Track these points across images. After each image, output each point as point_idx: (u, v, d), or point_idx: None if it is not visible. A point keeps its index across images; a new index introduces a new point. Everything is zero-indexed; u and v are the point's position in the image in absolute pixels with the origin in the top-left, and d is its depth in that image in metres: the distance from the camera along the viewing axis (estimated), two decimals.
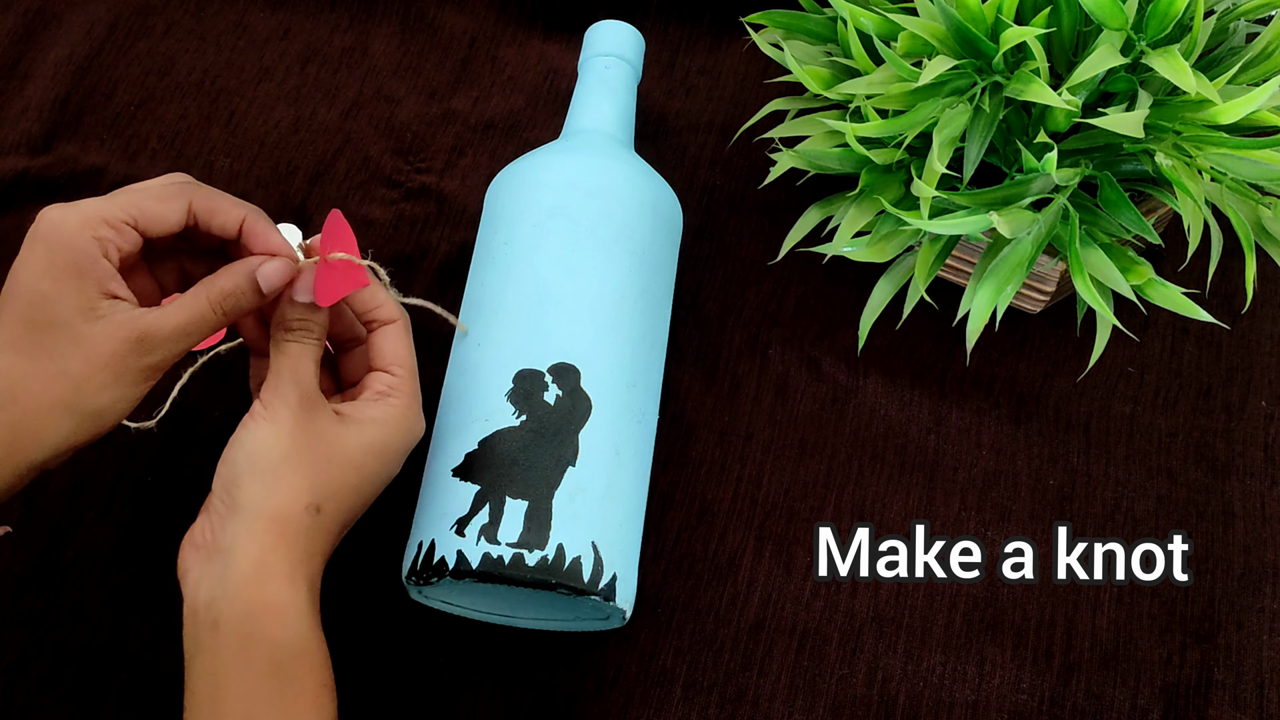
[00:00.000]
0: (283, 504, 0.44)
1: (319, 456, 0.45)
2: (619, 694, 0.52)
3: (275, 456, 0.44)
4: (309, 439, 0.45)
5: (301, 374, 0.46)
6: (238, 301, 0.46)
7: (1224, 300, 0.63)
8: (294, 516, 0.44)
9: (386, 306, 0.50)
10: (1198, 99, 0.49)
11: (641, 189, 0.56)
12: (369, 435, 0.46)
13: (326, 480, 0.45)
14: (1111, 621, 0.54)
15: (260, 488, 0.44)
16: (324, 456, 0.45)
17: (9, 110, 0.66)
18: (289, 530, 0.43)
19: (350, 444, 0.46)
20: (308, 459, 0.45)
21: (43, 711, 0.51)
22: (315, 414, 0.46)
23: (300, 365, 0.46)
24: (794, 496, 0.57)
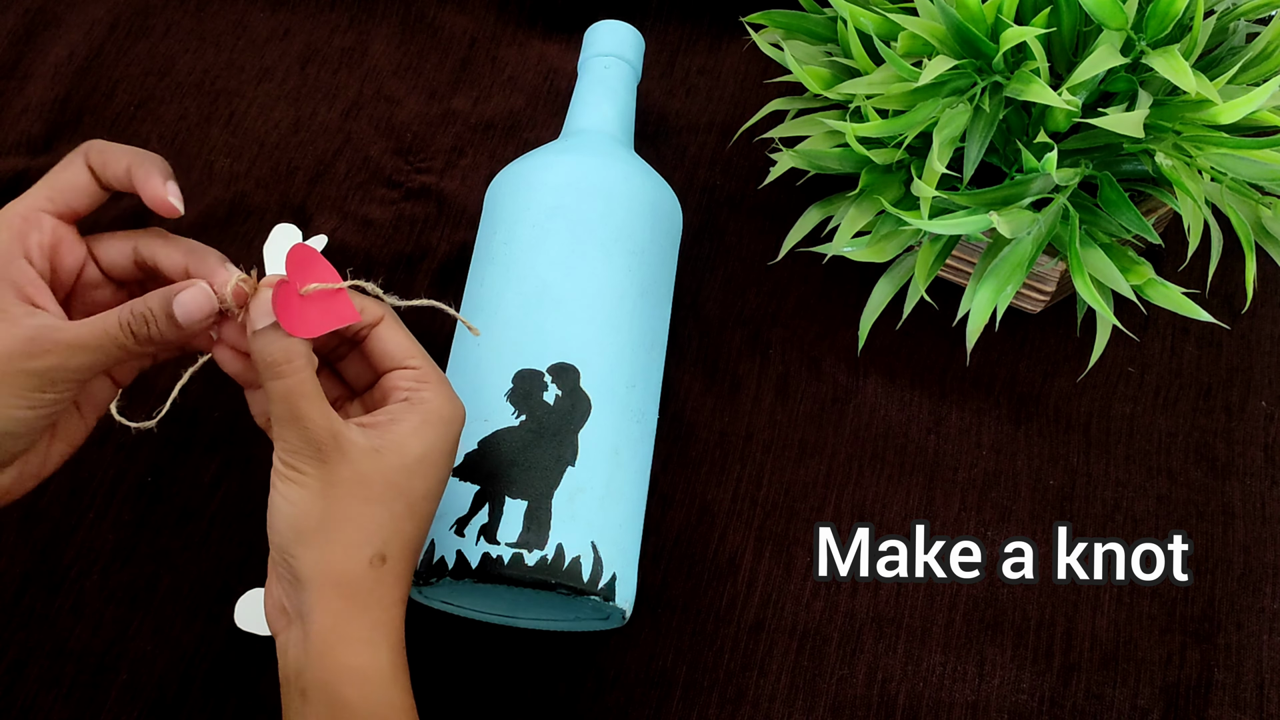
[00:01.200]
0: (343, 566, 0.41)
1: (366, 500, 0.42)
2: (619, 694, 0.52)
3: (315, 519, 0.41)
4: (348, 486, 0.41)
5: (304, 417, 0.41)
6: (149, 329, 0.41)
7: (1224, 300, 0.63)
8: (358, 575, 0.41)
9: (366, 310, 0.45)
10: (1198, 99, 0.49)
11: (641, 189, 0.56)
12: (411, 450, 0.42)
13: (381, 523, 0.42)
14: (1111, 621, 0.54)
15: (314, 555, 0.41)
16: (372, 498, 0.42)
17: (9, 110, 0.66)
18: (358, 591, 0.41)
19: (393, 471, 0.42)
20: (354, 508, 0.41)
21: (43, 711, 0.51)
22: (343, 454, 0.41)
23: (298, 407, 0.41)
24: (794, 496, 0.57)
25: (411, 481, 0.42)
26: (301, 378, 0.41)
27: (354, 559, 0.41)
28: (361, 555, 0.41)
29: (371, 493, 0.42)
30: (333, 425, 0.41)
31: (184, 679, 0.52)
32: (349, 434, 0.42)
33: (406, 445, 0.42)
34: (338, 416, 0.42)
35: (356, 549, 0.41)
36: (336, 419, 0.42)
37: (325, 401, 0.42)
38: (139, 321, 0.41)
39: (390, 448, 0.42)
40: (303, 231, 0.63)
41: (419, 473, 0.43)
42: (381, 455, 0.42)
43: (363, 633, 0.41)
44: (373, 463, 0.42)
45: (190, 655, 0.52)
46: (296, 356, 0.41)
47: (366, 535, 0.41)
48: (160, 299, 0.41)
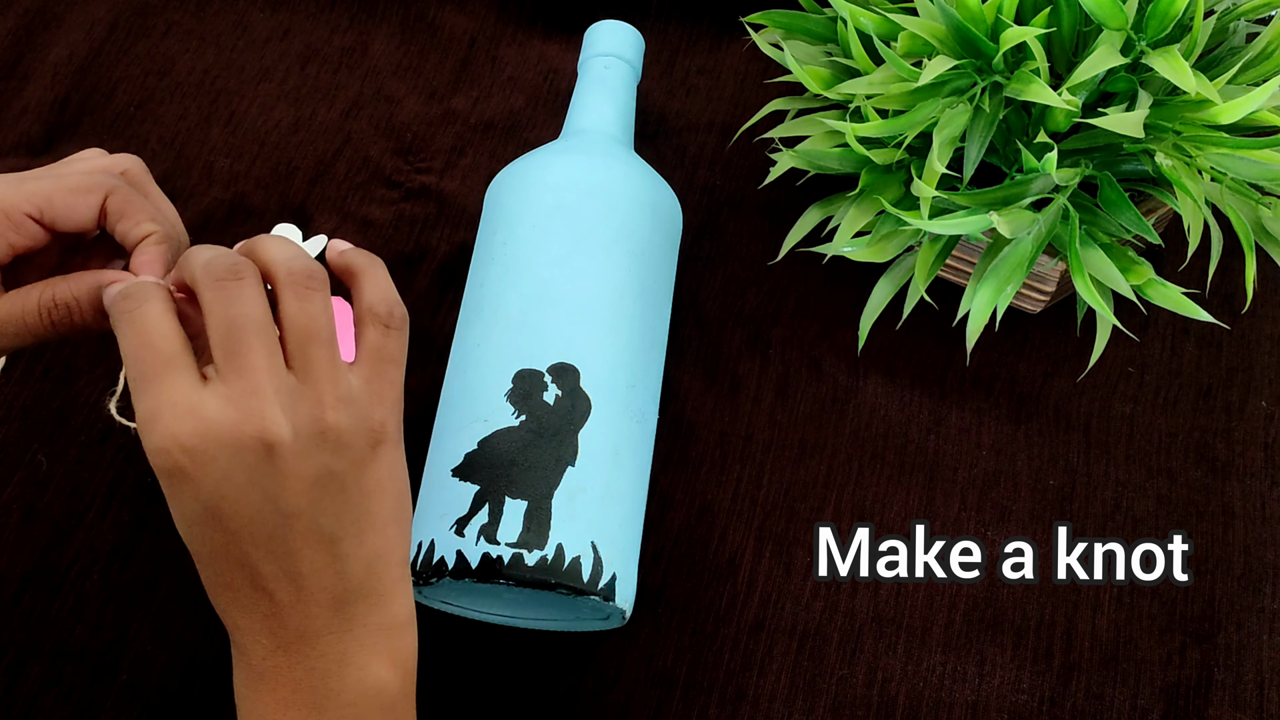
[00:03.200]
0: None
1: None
2: (619, 694, 0.52)
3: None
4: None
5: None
6: (70, 316, 0.39)
7: (1224, 300, 0.63)
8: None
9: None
10: (1198, 99, 0.49)
11: (641, 189, 0.56)
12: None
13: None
14: (1111, 621, 0.54)
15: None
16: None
17: (9, 111, 0.66)
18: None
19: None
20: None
21: (43, 711, 0.51)
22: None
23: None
24: (794, 496, 0.57)
25: (183, 534, 0.38)
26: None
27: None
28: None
29: None
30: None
31: (184, 679, 0.52)
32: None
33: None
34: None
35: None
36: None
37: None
38: (61, 310, 0.39)
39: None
40: (303, 231, 0.63)
41: (177, 521, 0.38)
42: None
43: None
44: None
45: (190, 655, 0.52)
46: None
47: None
48: (87, 289, 0.39)
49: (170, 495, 0.37)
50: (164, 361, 0.36)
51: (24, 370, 0.58)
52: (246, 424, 0.36)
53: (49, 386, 0.58)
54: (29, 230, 0.40)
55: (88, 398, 0.58)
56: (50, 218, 0.40)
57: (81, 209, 0.40)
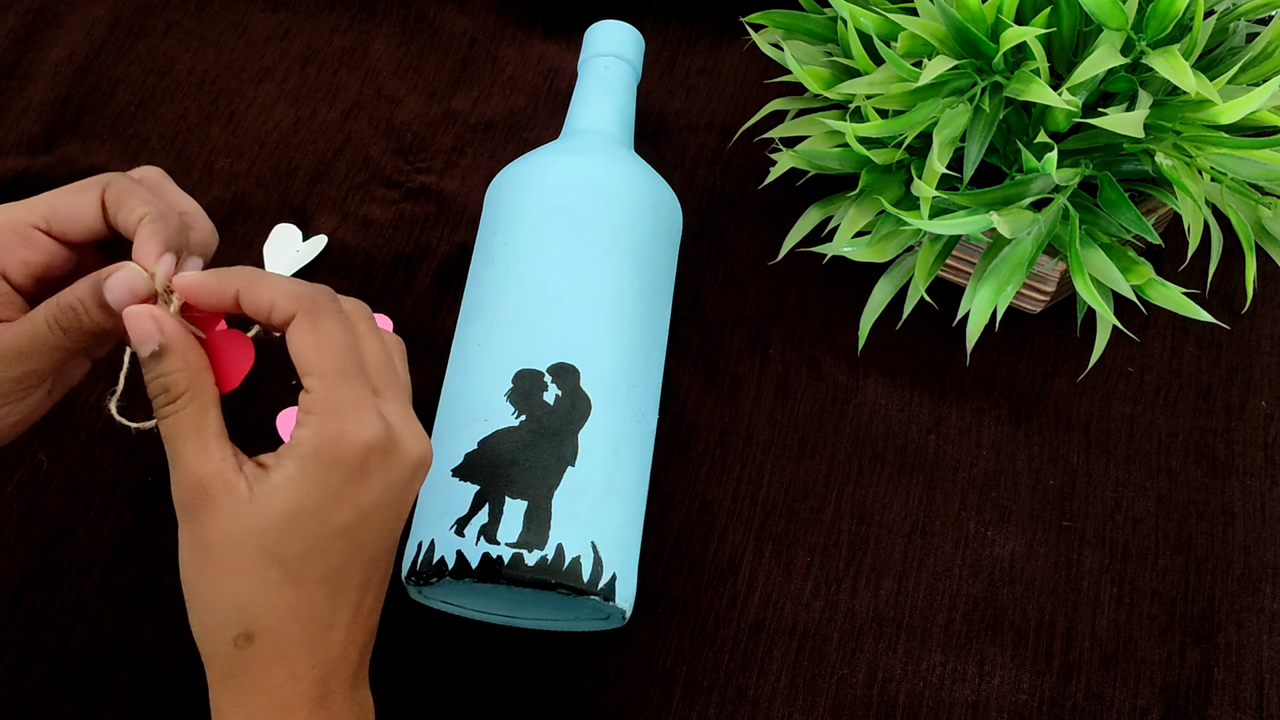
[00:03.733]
0: (210, 646, 0.36)
1: (230, 567, 0.36)
2: (619, 694, 0.52)
3: (188, 586, 0.36)
4: (216, 549, 0.36)
5: (179, 461, 0.36)
6: (79, 319, 0.38)
7: (1224, 300, 0.63)
8: (224, 658, 0.36)
9: (279, 302, 0.37)
10: (1198, 99, 0.49)
11: (641, 189, 0.56)
12: (278, 504, 0.35)
13: (248, 594, 0.35)
14: (1111, 621, 0.54)
15: (194, 627, 0.37)
16: (236, 564, 0.35)
17: (9, 110, 0.66)
18: (227, 675, 0.36)
19: (260, 531, 0.35)
20: (218, 576, 0.36)
21: (43, 711, 0.51)
22: (213, 509, 0.36)
23: (174, 448, 0.36)
24: (794, 496, 0.57)
25: (283, 543, 0.36)
26: (182, 414, 0.37)
27: (218, 637, 0.36)
28: (224, 635, 0.36)
29: (237, 558, 0.36)
30: (205, 471, 0.36)
31: (184, 678, 0.52)
32: (229, 483, 0.36)
33: (275, 498, 0.36)
34: (227, 458, 0.36)
35: (219, 627, 0.36)
36: (219, 462, 0.36)
37: (211, 441, 0.36)
38: (67, 314, 0.38)
39: (260, 500, 0.36)
40: (303, 231, 0.63)
41: (291, 531, 0.36)
42: (251, 510, 0.36)
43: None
44: (242, 519, 0.35)
45: (190, 655, 0.52)
46: (181, 390, 0.37)
47: (229, 610, 0.36)
48: (89, 285, 0.38)
49: (329, 498, 0.36)
50: (360, 367, 0.37)
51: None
52: (418, 443, 0.38)
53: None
54: (40, 244, 0.39)
55: (88, 397, 0.58)
56: (58, 227, 0.40)
57: (84, 207, 0.39)
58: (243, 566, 0.36)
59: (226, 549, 0.36)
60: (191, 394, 0.37)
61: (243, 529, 0.35)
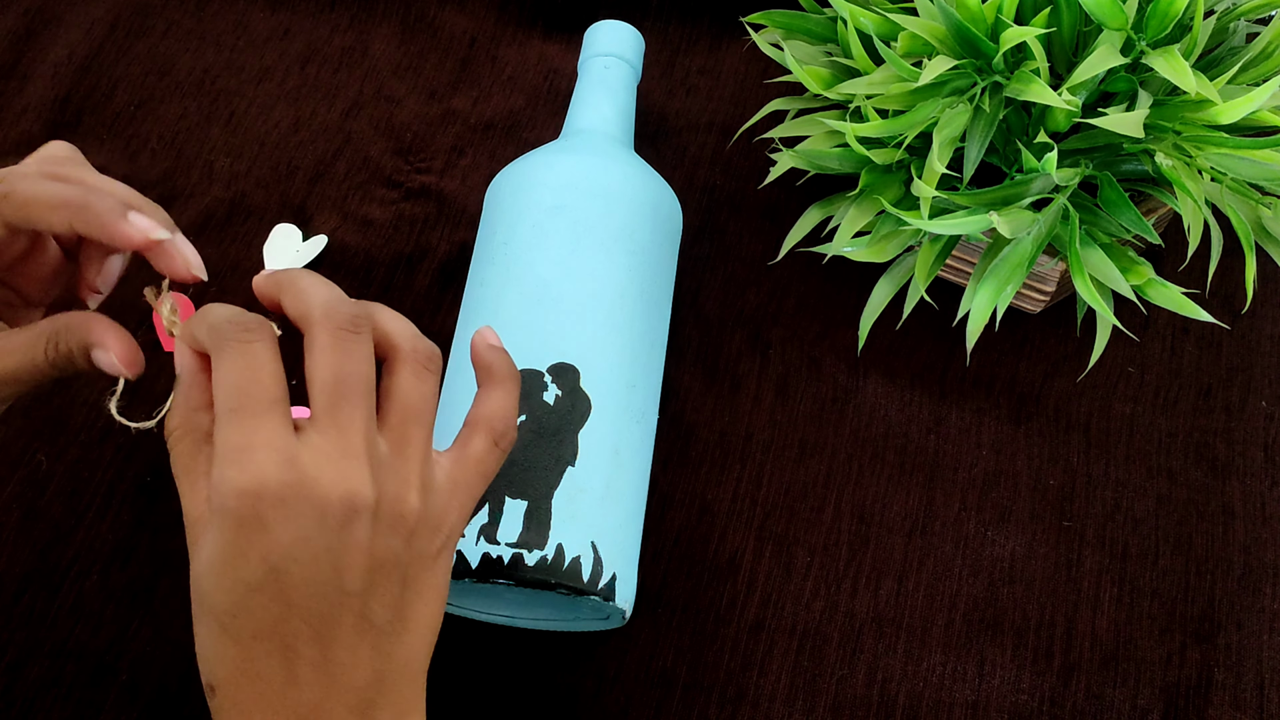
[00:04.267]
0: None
1: (194, 610, 0.35)
2: (619, 694, 0.52)
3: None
4: (192, 590, 0.35)
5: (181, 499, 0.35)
6: (74, 364, 0.38)
7: (1224, 300, 0.63)
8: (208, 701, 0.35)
9: (204, 340, 0.35)
10: (1198, 99, 0.49)
11: (641, 189, 0.56)
12: (200, 554, 0.34)
13: (202, 644, 0.35)
14: (1111, 621, 0.54)
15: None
16: (195, 610, 0.35)
17: (9, 110, 0.66)
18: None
19: (194, 578, 0.34)
20: (194, 618, 0.35)
21: (43, 711, 0.51)
22: (195, 548, 0.35)
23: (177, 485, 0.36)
24: (794, 496, 0.57)
25: (210, 596, 0.34)
26: (176, 451, 0.36)
27: (202, 680, 0.35)
28: (202, 679, 0.35)
29: (195, 604, 0.35)
30: (193, 512, 0.35)
31: (184, 679, 0.52)
32: (207, 525, 0.35)
33: (199, 550, 0.34)
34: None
35: (201, 672, 0.35)
36: (204, 503, 0.35)
37: (200, 479, 0.35)
38: (64, 359, 0.37)
39: (193, 551, 0.35)
40: (303, 231, 0.63)
41: (211, 585, 0.34)
42: (196, 556, 0.35)
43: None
44: (194, 563, 0.35)
45: (190, 655, 0.52)
46: (174, 427, 0.36)
47: (200, 657, 0.35)
48: (79, 342, 0.37)
49: (232, 551, 0.33)
50: (270, 401, 0.34)
51: None
52: (338, 485, 0.34)
53: (49, 386, 0.58)
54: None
55: (87, 398, 0.58)
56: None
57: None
58: (199, 615, 0.35)
59: (193, 595, 0.35)
60: (183, 431, 0.36)
61: (194, 576, 0.35)
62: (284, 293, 0.37)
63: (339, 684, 0.35)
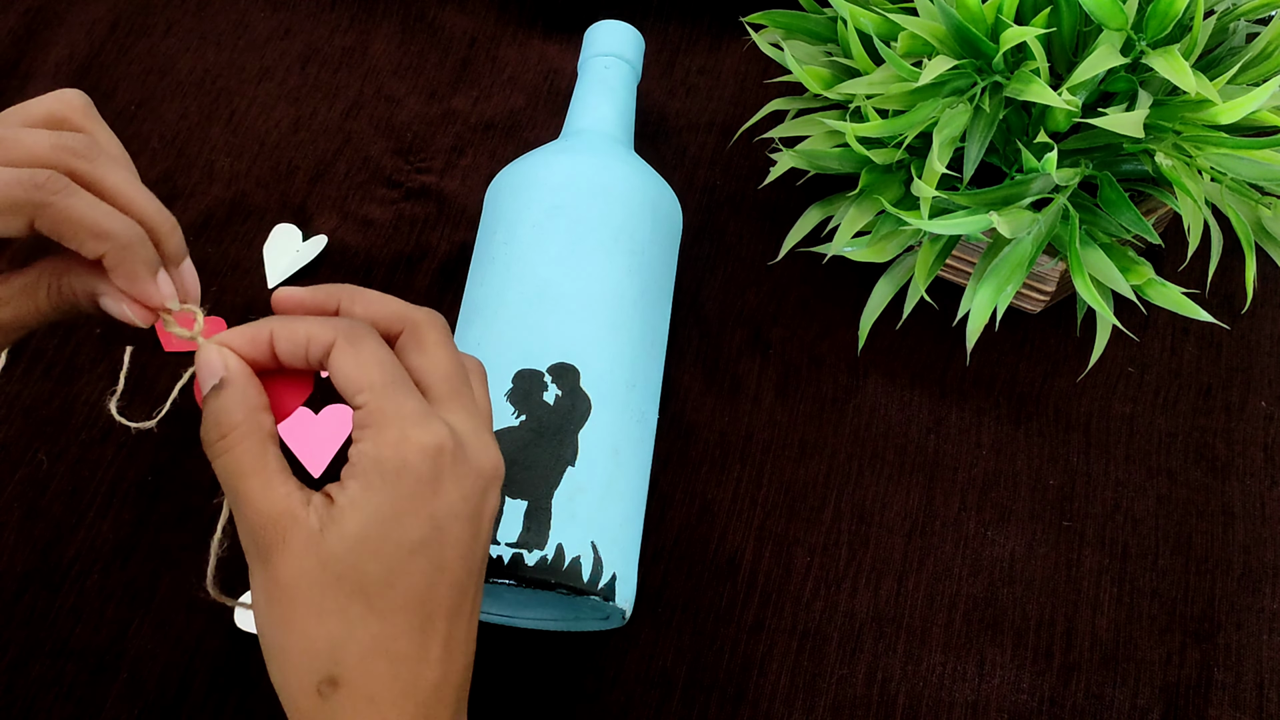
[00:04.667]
0: (293, 698, 0.34)
1: (309, 606, 0.34)
2: (619, 694, 0.52)
3: (265, 634, 0.35)
4: (292, 588, 0.34)
5: (244, 501, 0.34)
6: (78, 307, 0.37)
7: (1224, 300, 0.63)
8: (307, 710, 0.34)
9: (314, 334, 0.36)
10: (1198, 99, 0.49)
11: (641, 189, 0.56)
12: (349, 526, 0.34)
13: (328, 634, 0.33)
14: (1111, 621, 0.54)
15: (275, 681, 0.35)
16: (315, 601, 0.34)
17: None
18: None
19: (335, 558, 0.33)
20: (297, 618, 0.34)
21: (43, 711, 0.51)
22: (286, 546, 0.34)
23: (237, 488, 0.34)
24: (794, 496, 0.57)
25: (359, 568, 0.33)
26: (238, 452, 0.35)
27: (300, 688, 0.34)
28: (306, 683, 0.34)
29: (314, 596, 0.33)
30: (275, 507, 0.34)
31: (184, 679, 0.52)
32: (299, 518, 0.34)
33: (344, 521, 0.34)
34: (294, 492, 0.34)
35: (301, 675, 0.34)
36: (286, 498, 0.34)
37: (274, 476, 0.35)
38: (66, 303, 0.37)
39: (331, 528, 0.34)
40: (303, 231, 0.63)
41: (365, 553, 0.33)
42: (322, 541, 0.33)
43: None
44: (314, 553, 0.33)
45: (190, 655, 0.52)
46: (232, 427, 0.35)
47: (311, 656, 0.34)
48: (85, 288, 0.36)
49: (398, 511, 0.34)
50: (406, 380, 0.36)
51: (24, 370, 0.59)
52: (487, 453, 0.37)
53: (49, 386, 0.58)
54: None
55: (88, 397, 0.58)
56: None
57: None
58: (322, 604, 0.33)
59: (301, 588, 0.33)
60: (247, 429, 0.35)
61: (316, 562, 0.33)
62: (355, 302, 0.39)
63: (456, 661, 0.36)
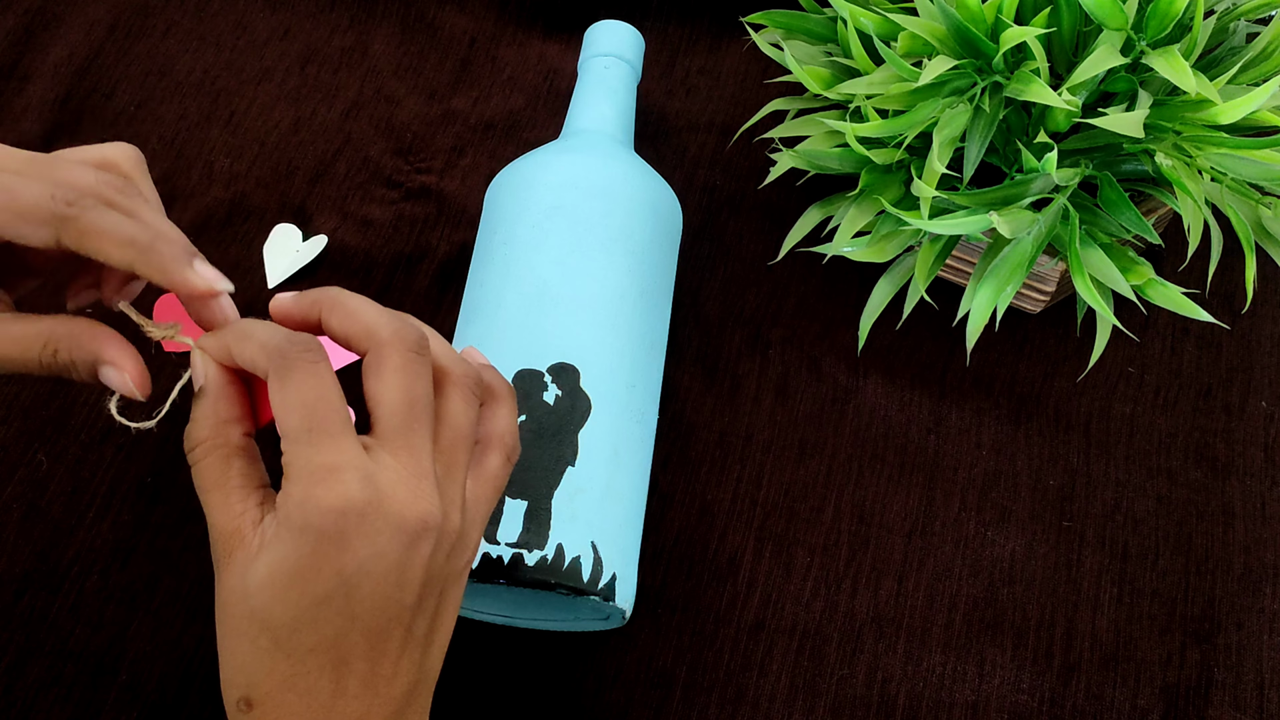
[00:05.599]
0: (226, 704, 0.35)
1: (234, 628, 0.35)
2: (619, 694, 0.52)
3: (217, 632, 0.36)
4: (227, 606, 0.35)
5: (208, 514, 0.35)
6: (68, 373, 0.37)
7: (1224, 300, 0.63)
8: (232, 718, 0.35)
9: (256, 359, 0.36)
10: (1198, 99, 0.49)
11: (641, 189, 0.56)
12: (258, 566, 0.34)
13: (245, 658, 0.34)
14: (1111, 621, 0.54)
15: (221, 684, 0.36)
16: (237, 625, 0.35)
17: (9, 110, 0.66)
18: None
19: (248, 593, 0.34)
20: (227, 635, 0.35)
21: (43, 711, 0.51)
22: (230, 564, 0.35)
23: (203, 500, 0.36)
24: (794, 496, 0.57)
25: (268, 609, 0.34)
26: (202, 466, 0.36)
27: (227, 699, 0.35)
28: (230, 696, 0.35)
29: (237, 620, 0.34)
30: (229, 524, 0.35)
31: (184, 679, 0.52)
32: (244, 539, 0.35)
33: (257, 562, 0.34)
34: (249, 510, 0.35)
35: (227, 687, 0.35)
36: (239, 516, 0.35)
37: (233, 493, 0.35)
38: (61, 368, 0.37)
39: (250, 563, 0.34)
40: (303, 231, 0.63)
41: (273, 598, 0.34)
42: (249, 570, 0.34)
43: None
44: (241, 580, 0.34)
45: (190, 655, 0.52)
46: (198, 441, 0.36)
47: (232, 672, 0.35)
48: (87, 358, 0.36)
49: (306, 565, 0.34)
50: (344, 420, 0.35)
51: None
52: (414, 505, 0.35)
53: (49, 386, 0.58)
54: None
55: (88, 398, 0.58)
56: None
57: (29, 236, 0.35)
58: (242, 629, 0.35)
59: (230, 609, 0.35)
60: (212, 444, 0.36)
61: (240, 590, 0.34)
62: (332, 312, 0.37)
63: (381, 696, 0.36)
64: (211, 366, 0.37)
